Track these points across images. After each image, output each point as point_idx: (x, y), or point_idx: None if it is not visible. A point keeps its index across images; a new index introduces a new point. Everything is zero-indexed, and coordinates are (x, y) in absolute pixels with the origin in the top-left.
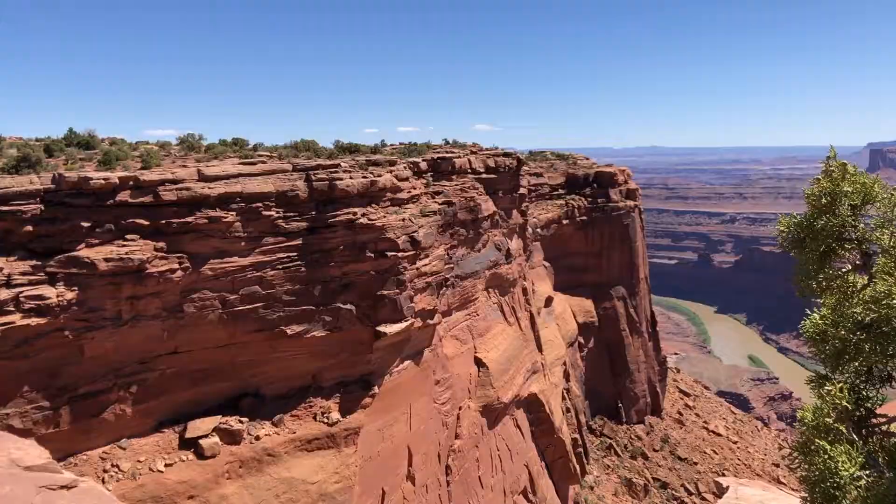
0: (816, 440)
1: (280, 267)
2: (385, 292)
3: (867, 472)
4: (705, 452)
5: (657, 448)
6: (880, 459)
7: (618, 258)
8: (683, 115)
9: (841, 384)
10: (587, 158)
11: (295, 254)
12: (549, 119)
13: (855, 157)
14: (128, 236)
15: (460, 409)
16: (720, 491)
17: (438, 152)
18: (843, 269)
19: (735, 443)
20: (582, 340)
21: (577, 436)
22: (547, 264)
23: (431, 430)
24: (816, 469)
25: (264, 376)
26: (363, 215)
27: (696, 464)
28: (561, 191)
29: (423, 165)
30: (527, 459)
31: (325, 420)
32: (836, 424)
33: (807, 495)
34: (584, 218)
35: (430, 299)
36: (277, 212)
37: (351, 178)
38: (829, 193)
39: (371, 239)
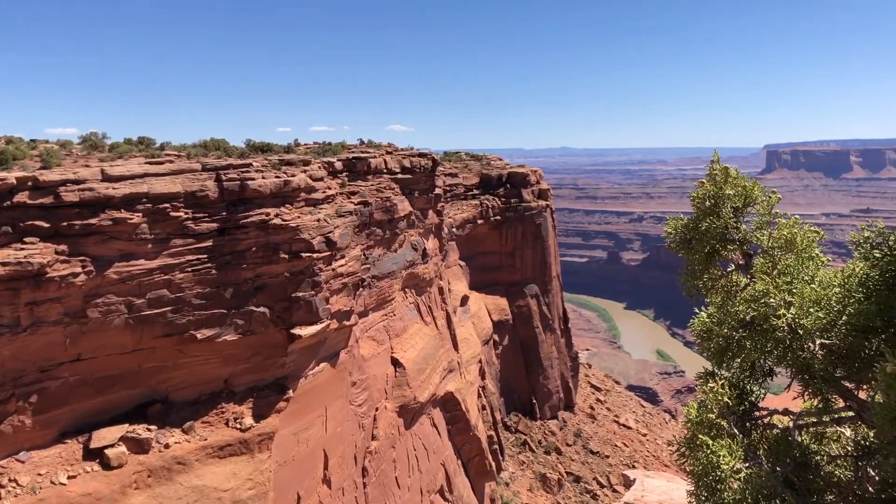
0: (699, 436)
1: (189, 269)
2: (300, 294)
3: (747, 464)
4: (616, 445)
5: (570, 443)
6: (761, 452)
7: (531, 257)
8: (593, 117)
9: (723, 381)
10: (500, 159)
11: (205, 256)
12: (464, 120)
13: (753, 158)
14: (26, 239)
15: (377, 410)
16: (628, 483)
17: (353, 152)
18: (728, 269)
19: (644, 435)
20: (497, 338)
21: (493, 433)
22: (462, 263)
23: (348, 432)
24: (700, 463)
25: (174, 382)
26: (276, 216)
27: (607, 457)
28: (475, 191)
29: (339, 165)
30: (443, 458)
31: (238, 426)
32: (718, 420)
33: (693, 488)
34: (499, 218)
35: (346, 300)
36: (186, 213)
37: (263, 177)
38: (712, 196)
39: (285, 240)
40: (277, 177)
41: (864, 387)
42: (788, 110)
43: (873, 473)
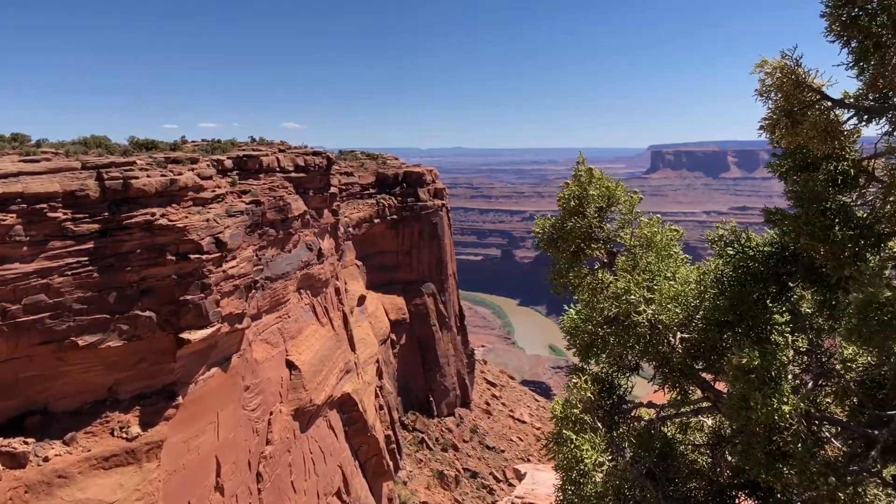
0: (564, 431)
1: (69, 273)
2: (188, 297)
3: (610, 457)
4: (512, 440)
5: (467, 439)
6: (626, 444)
7: (427, 256)
8: (486, 118)
9: (586, 377)
10: (396, 158)
11: (86, 258)
12: (360, 118)
13: (638, 159)
14: None
15: (271, 414)
16: (520, 477)
17: (244, 150)
18: (595, 267)
19: (538, 429)
20: (394, 337)
21: (391, 432)
22: (359, 263)
23: (241, 437)
24: (564, 458)
25: (53, 392)
26: (162, 216)
27: (503, 451)
28: (372, 190)
29: (228, 163)
30: (340, 460)
31: (124, 435)
32: (581, 415)
33: (560, 482)
34: (395, 217)
35: (237, 303)
36: (65, 213)
37: (148, 176)
38: (577, 197)
39: (172, 241)
40: (163, 175)
41: (720, 378)
42: (672, 113)
43: (731, 460)
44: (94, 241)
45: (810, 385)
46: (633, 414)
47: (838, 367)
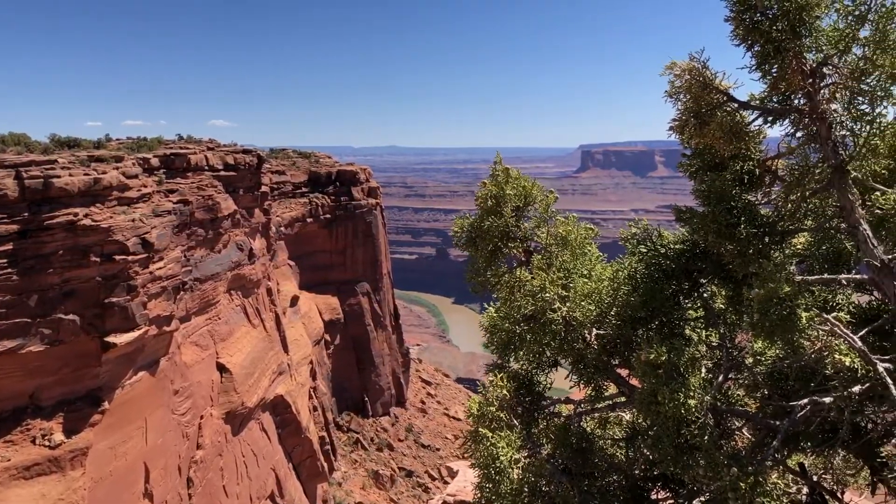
0: (480, 429)
1: None
2: (114, 299)
3: (526, 454)
4: (447, 438)
5: (402, 438)
6: (544, 439)
7: (362, 255)
8: (420, 117)
9: (502, 374)
10: (329, 157)
11: (5, 261)
12: (291, 116)
13: (569, 158)
14: None
15: (202, 417)
16: (452, 475)
17: (172, 148)
18: (514, 266)
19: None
20: (328, 338)
21: (325, 433)
22: (292, 263)
23: (170, 442)
24: (481, 455)
25: None
26: (86, 216)
27: (438, 450)
28: (304, 189)
29: (155, 162)
30: (273, 463)
31: (47, 443)
32: (497, 413)
33: (478, 480)
34: (329, 216)
35: (165, 305)
36: None
37: (70, 175)
38: (494, 196)
39: (96, 242)
40: (86, 174)
41: (634, 374)
42: (601, 113)
43: (648, 453)
44: (14, 243)
45: (721, 378)
46: (551, 410)
47: (749, 360)
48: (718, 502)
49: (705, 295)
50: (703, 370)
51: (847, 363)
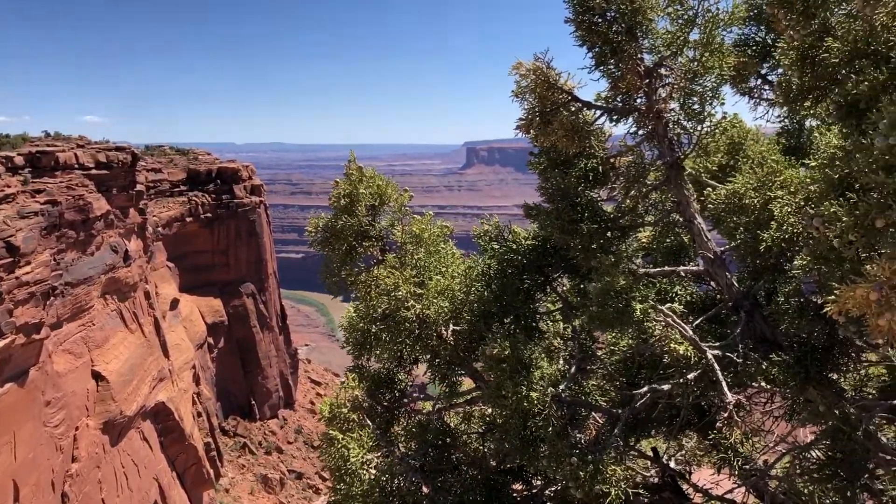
0: (330, 430)
1: None
2: None
3: (379, 454)
4: None
5: (291, 440)
6: (402, 438)
7: (245, 255)
8: (305, 113)
9: (353, 375)
10: (209, 154)
11: None
12: (168, 112)
13: (454, 155)
14: None
15: (77, 429)
16: None
17: (38, 145)
18: (372, 264)
19: None
20: (212, 341)
21: (210, 439)
22: (171, 265)
23: (43, 456)
24: (332, 458)
25: None
26: None
27: None
28: (183, 187)
29: (19, 160)
30: (156, 472)
31: None
32: (349, 414)
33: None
34: (209, 215)
35: (34, 311)
36: None
37: None
38: (348, 195)
39: None
40: None
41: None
42: (485, 110)
43: (497, 446)
44: None
45: (573, 370)
46: (412, 408)
47: (602, 351)
48: (566, 491)
49: (560, 289)
50: (562, 361)
51: (681, 351)
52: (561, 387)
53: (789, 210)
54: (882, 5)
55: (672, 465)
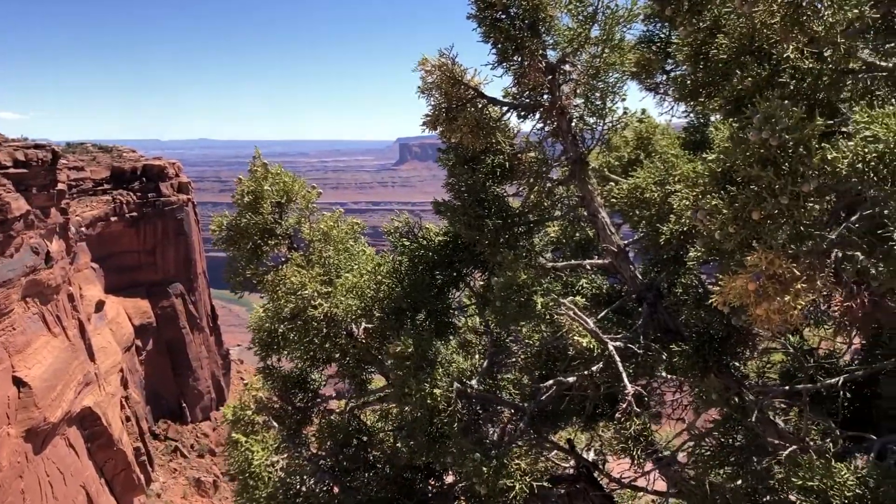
0: (233, 434)
1: None
2: None
3: (284, 455)
4: None
5: (224, 442)
6: (314, 439)
7: (173, 254)
8: (233, 108)
9: (258, 377)
10: (134, 151)
11: None
12: (90, 108)
13: (387, 151)
14: None
15: None
16: None
17: None
18: (281, 263)
19: None
20: (140, 343)
21: (140, 444)
22: (96, 266)
23: None
24: (236, 462)
25: None
26: None
27: None
28: (107, 185)
29: None
30: (83, 479)
31: None
32: (254, 416)
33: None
34: (135, 214)
35: None
36: None
37: None
38: (252, 192)
39: None
40: None
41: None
42: (418, 105)
43: (404, 444)
44: None
45: (485, 364)
46: (326, 407)
47: (516, 345)
48: (472, 487)
49: (473, 284)
50: (477, 356)
51: (584, 344)
52: (473, 382)
53: (686, 204)
54: (761, 2)
55: (592, 455)
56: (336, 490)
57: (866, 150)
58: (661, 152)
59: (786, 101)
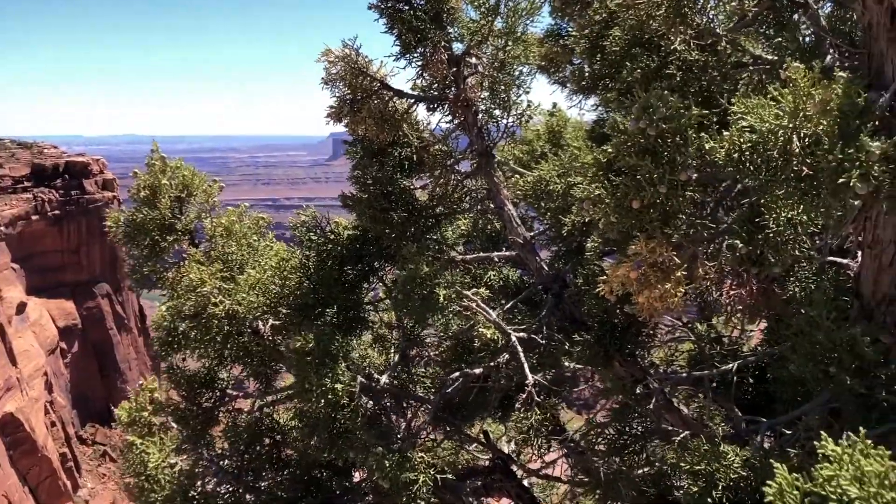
0: (128, 437)
1: None
2: None
3: (184, 457)
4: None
5: (120, 445)
6: (220, 439)
7: (99, 253)
8: (161, 102)
9: (152, 378)
10: (55, 147)
11: None
12: (7, 102)
13: (320, 146)
14: None
15: None
16: None
17: None
18: (182, 259)
19: None
20: (65, 346)
21: (66, 449)
22: (16, 266)
23: None
24: (130, 465)
25: None
26: None
27: None
28: (27, 183)
29: None
30: (6, 488)
31: None
32: (150, 418)
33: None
34: (57, 212)
35: None
36: None
37: None
38: (149, 186)
39: None
40: None
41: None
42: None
43: (317, 440)
44: None
45: (397, 358)
46: (234, 406)
47: (431, 339)
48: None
49: (386, 278)
50: (393, 351)
51: (489, 335)
52: (384, 377)
53: (586, 195)
54: None
55: (513, 446)
56: (241, 491)
57: (742, 139)
58: (567, 145)
59: (666, 92)
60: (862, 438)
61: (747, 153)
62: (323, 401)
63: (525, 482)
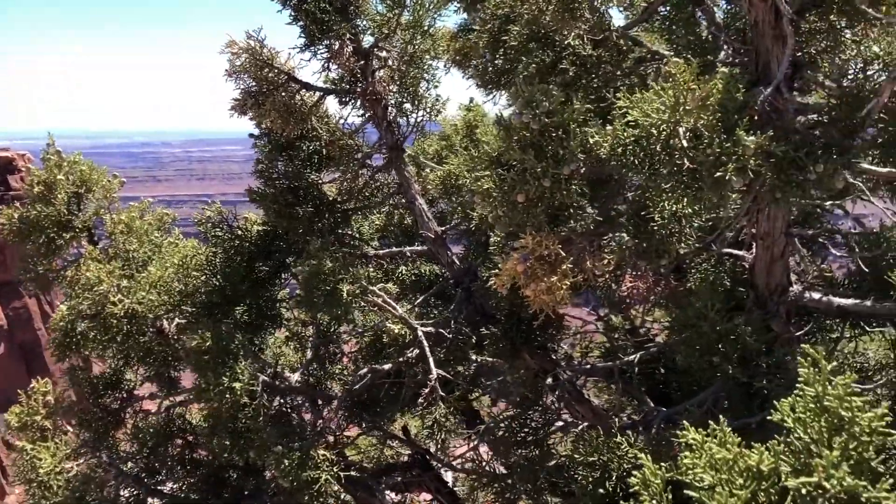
0: (19, 442)
1: None
2: None
3: (80, 461)
4: None
5: (11, 451)
6: (133, 438)
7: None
8: (90, 95)
9: (46, 379)
10: None
11: None
12: None
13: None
14: None
15: None
16: None
17: None
18: (80, 257)
19: None
20: None
21: None
22: None
23: None
24: (21, 471)
25: None
26: None
27: None
28: None
29: None
30: None
31: None
32: (43, 421)
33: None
34: None
35: None
36: None
37: None
38: (43, 182)
39: None
40: None
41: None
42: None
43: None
44: None
45: (311, 355)
46: (141, 408)
47: (347, 335)
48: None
49: (299, 275)
50: (309, 348)
51: (396, 331)
52: (295, 374)
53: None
54: None
55: (435, 442)
56: (142, 494)
57: (626, 133)
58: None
59: (550, 87)
60: (721, 427)
61: (631, 147)
62: (222, 400)
63: (449, 475)
